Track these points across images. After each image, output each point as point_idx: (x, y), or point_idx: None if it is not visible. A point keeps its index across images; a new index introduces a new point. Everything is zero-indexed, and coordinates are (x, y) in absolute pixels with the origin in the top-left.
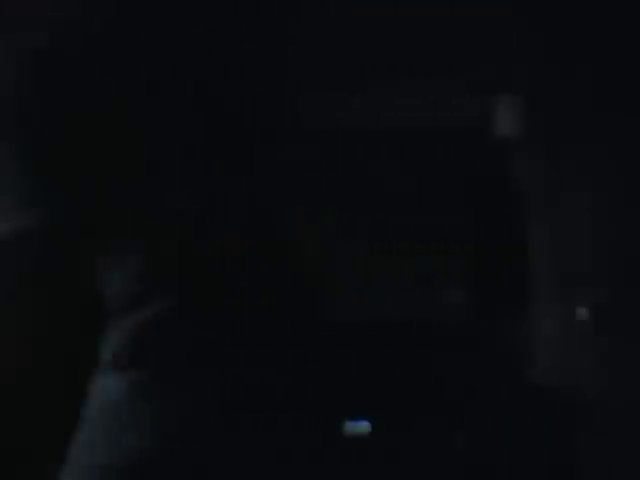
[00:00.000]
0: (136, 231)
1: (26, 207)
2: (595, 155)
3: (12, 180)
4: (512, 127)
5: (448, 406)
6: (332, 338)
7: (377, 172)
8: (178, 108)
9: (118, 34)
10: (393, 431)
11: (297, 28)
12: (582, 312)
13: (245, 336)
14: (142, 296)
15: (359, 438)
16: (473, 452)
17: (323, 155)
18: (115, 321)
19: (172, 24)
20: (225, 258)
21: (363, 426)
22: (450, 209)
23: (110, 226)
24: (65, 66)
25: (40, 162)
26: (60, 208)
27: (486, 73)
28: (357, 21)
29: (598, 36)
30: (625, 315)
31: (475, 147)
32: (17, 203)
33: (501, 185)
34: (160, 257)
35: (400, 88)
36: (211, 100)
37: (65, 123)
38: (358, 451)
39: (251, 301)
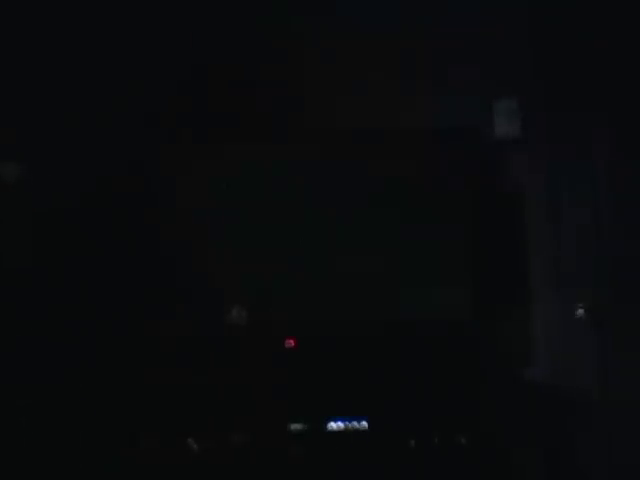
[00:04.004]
0: None
1: None
2: (595, 156)
3: None
4: (512, 127)
5: (448, 406)
6: (332, 338)
7: (377, 171)
8: None
9: None
10: (392, 430)
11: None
12: (582, 312)
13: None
14: None
15: (358, 436)
16: (473, 451)
17: (323, 154)
18: None
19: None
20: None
21: (362, 425)
22: (450, 209)
23: None
24: None
25: None
26: None
27: (486, 73)
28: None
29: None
30: (625, 315)
31: (475, 147)
32: None
33: (501, 185)
34: None
35: (400, 88)
36: None
37: None
38: (358, 449)
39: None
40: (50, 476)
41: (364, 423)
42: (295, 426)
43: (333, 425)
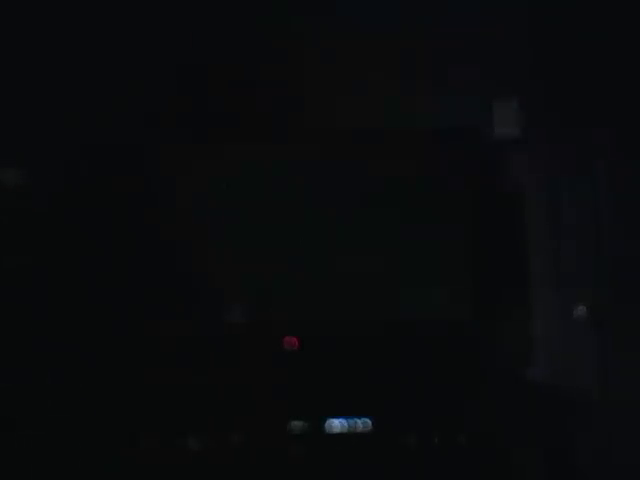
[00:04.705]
0: None
1: None
2: (595, 156)
3: None
4: (512, 127)
5: (448, 406)
6: (332, 338)
7: (377, 171)
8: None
9: None
10: (391, 430)
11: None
12: (582, 312)
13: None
14: None
15: (358, 436)
16: (473, 451)
17: (323, 154)
18: None
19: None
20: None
21: (361, 425)
22: (450, 209)
23: None
24: None
25: None
26: None
27: (486, 73)
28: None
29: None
30: (625, 315)
31: (475, 147)
32: None
33: (501, 185)
34: None
35: (400, 88)
36: None
37: None
38: (357, 449)
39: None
40: (50, 476)
41: (364, 423)
42: (295, 426)
43: (333, 425)
